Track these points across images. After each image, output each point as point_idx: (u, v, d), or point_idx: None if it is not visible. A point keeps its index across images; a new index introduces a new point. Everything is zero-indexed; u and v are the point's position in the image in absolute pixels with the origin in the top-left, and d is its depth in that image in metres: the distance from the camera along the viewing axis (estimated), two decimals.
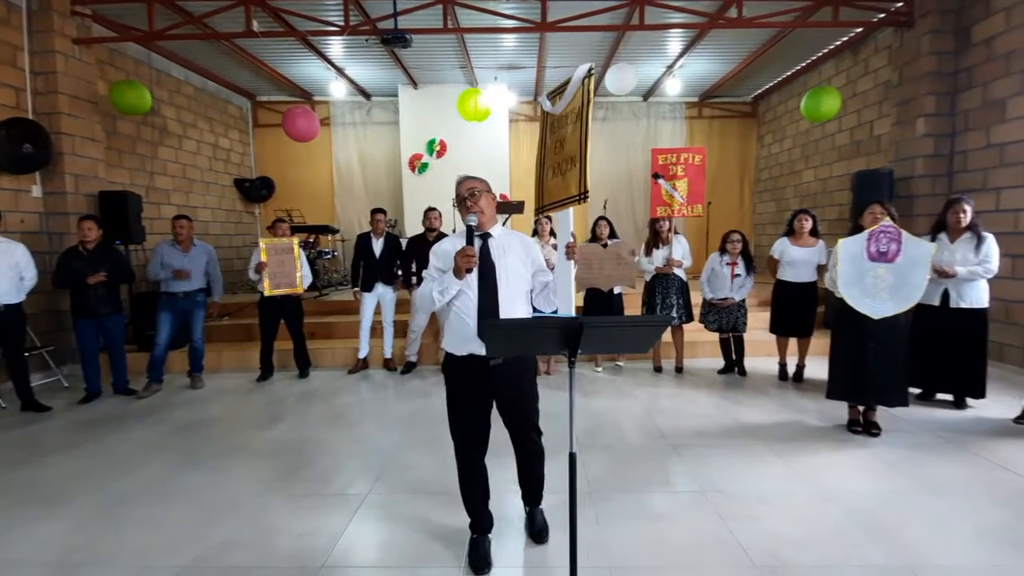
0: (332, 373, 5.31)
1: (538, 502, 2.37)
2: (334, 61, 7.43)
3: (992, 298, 3.80)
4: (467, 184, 2.16)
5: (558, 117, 2.35)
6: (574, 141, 2.19)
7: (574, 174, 2.18)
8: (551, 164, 2.43)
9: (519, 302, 2.13)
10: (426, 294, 2.10)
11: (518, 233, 2.28)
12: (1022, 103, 4.52)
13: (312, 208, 8.99)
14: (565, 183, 2.27)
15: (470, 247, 1.95)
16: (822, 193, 7.53)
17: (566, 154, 2.26)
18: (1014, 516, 2.42)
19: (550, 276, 2.23)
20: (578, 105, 2.18)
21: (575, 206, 2.26)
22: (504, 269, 2.08)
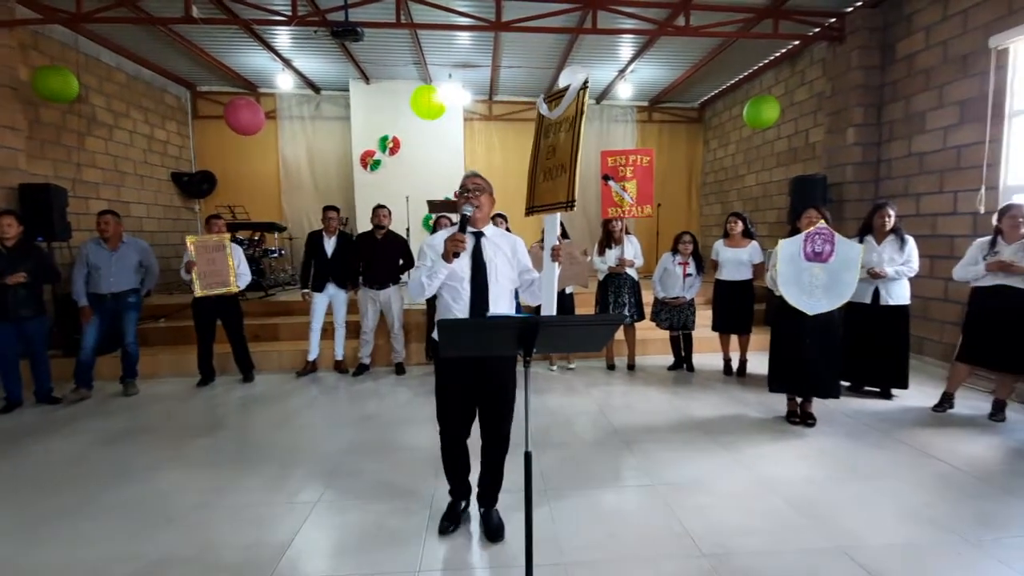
0: (279, 377, 5.11)
1: (493, 503, 2.41)
2: (281, 52, 7.14)
3: (913, 296, 4.11)
4: (473, 179, 2.31)
5: (553, 122, 2.41)
6: (566, 149, 2.26)
7: (563, 181, 2.25)
8: (543, 168, 2.50)
9: (505, 299, 2.30)
10: (416, 280, 2.21)
11: (508, 234, 2.43)
12: (939, 116, 4.91)
13: (257, 205, 8.61)
14: (554, 188, 2.33)
15: (461, 234, 2.07)
16: (763, 197, 7.91)
17: (557, 160, 2.33)
18: (933, 497, 2.63)
19: (536, 274, 2.38)
20: (572, 114, 2.24)
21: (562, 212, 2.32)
22: (494, 268, 2.24)
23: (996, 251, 3.56)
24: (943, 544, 2.23)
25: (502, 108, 9.44)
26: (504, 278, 2.28)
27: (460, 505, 2.46)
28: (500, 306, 2.24)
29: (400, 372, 5.18)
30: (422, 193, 7.69)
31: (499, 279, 2.25)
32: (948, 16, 4.78)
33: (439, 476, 2.87)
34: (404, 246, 5.12)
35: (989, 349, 3.64)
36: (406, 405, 4.24)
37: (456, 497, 2.47)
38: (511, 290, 2.35)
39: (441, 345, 1.66)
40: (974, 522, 2.39)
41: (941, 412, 3.82)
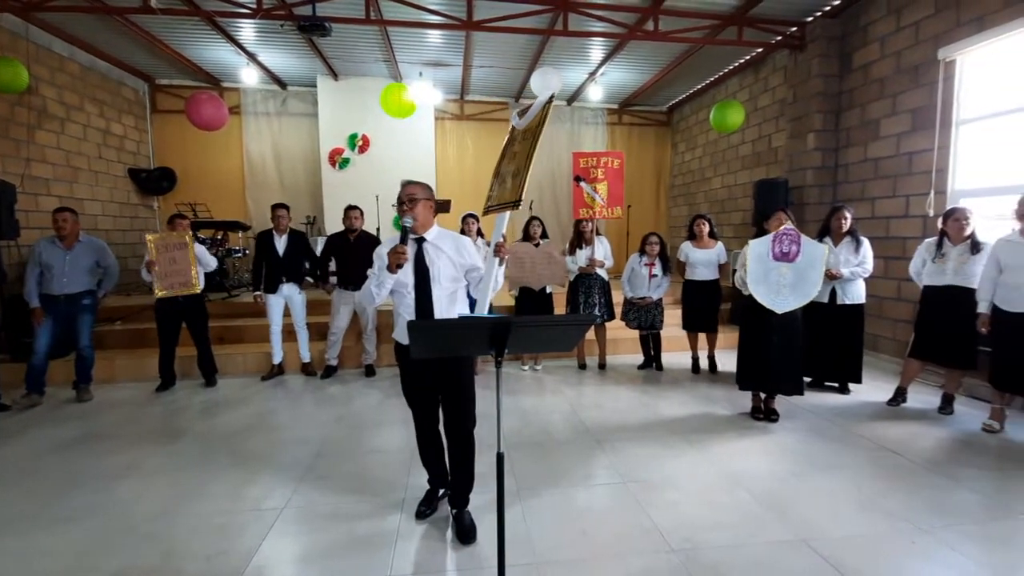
0: (243, 380, 4.96)
1: (465, 504, 2.41)
2: (245, 46, 6.94)
3: (868, 295, 4.29)
4: (407, 190, 2.35)
5: (519, 132, 2.53)
6: (523, 154, 2.38)
7: (515, 183, 2.36)
8: (503, 172, 2.62)
9: (452, 300, 2.37)
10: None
11: (451, 234, 2.45)
12: (893, 123, 5.14)
13: (220, 203, 8.34)
14: (505, 190, 2.45)
15: (402, 245, 2.13)
16: (728, 199, 8.13)
17: (514, 164, 2.46)
18: (887, 487, 2.75)
19: (483, 271, 2.40)
20: (534, 125, 2.36)
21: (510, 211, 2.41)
22: (437, 272, 2.31)
23: (943, 252, 3.75)
24: (898, 533, 2.33)
25: (474, 108, 9.42)
26: (446, 279, 2.34)
27: (438, 492, 2.57)
28: (444, 305, 2.32)
29: (370, 374, 5.10)
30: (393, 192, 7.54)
31: (441, 281, 2.33)
32: (901, 28, 5.01)
33: (411, 478, 2.86)
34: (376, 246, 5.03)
35: (938, 346, 3.83)
36: (376, 407, 4.18)
37: (434, 484, 2.57)
38: (455, 290, 2.39)
39: (412, 347, 1.64)
40: (926, 510, 2.51)
41: (895, 406, 4.00)
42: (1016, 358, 3.32)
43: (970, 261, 3.63)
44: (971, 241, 3.66)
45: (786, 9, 5.73)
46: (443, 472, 2.54)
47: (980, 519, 2.45)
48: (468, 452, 2.38)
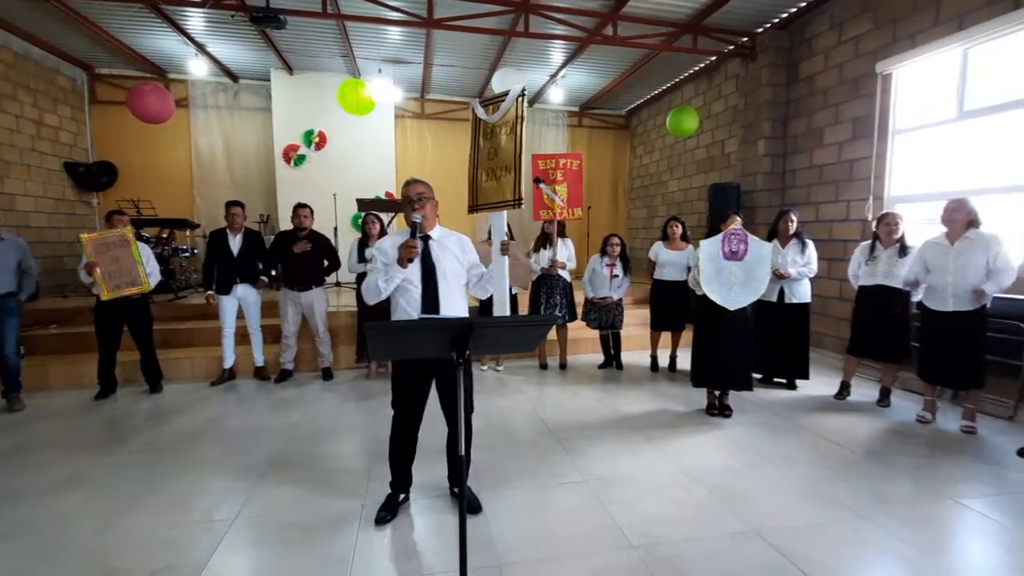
0: (191, 386, 4.73)
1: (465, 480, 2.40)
2: (193, 36, 6.63)
3: (813, 295, 4.51)
4: (416, 188, 2.40)
5: (492, 125, 2.54)
6: (509, 151, 2.43)
7: (509, 181, 2.44)
8: (485, 168, 2.64)
9: (457, 296, 2.43)
10: (372, 285, 2.34)
11: (456, 233, 2.52)
12: (835, 131, 5.42)
13: (166, 199, 7.93)
14: (500, 188, 2.51)
15: (413, 240, 2.22)
16: (684, 202, 8.37)
17: (500, 161, 2.50)
18: (832, 477, 2.89)
19: (484, 268, 2.54)
20: (512, 118, 2.39)
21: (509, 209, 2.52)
22: (443, 268, 2.38)
23: (875, 255, 3.99)
24: (842, 520, 2.46)
25: (435, 107, 9.34)
26: (453, 276, 2.41)
27: (399, 497, 2.54)
28: (451, 303, 2.38)
29: (327, 377, 4.96)
30: (351, 191, 7.45)
31: (448, 278, 2.39)
32: (843, 41, 5.30)
33: (371, 485, 2.80)
34: (328, 246, 4.89)
35: (872, 342, 4.09)
36: (334, 412, 4.07)
37: (396, 489, 2.54)
38: (461, 287, 2.46)
39: (371, 349, 1.60)
40: (867, 499, 2.65)
41: (841, 400, 4.22)
42: (941, 353, 3.56)
43: (899, 263, 3.88)
44: (900, 245, 3.91)
45: (738, 20, 5.96)
46: (408, 476, 2.56)
47: (913, 504, 2.62)
48: (470, 434, 2.43)
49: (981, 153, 4.23)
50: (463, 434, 1.75)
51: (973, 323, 3.43)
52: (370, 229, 4.80)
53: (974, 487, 2.76)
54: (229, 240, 4.63)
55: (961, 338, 3.46)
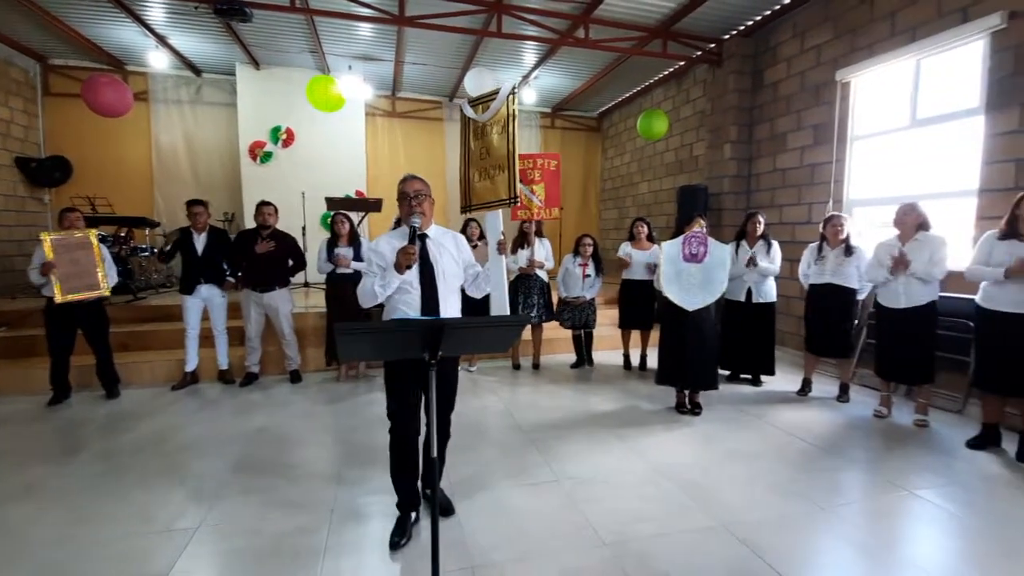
0: (151, 391, 4.56)
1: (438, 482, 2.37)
2: (153, 27, 6.38)
3: (778, 295, 4.66)
4: (413, 185, 2.28)
5: (483, 125, 2.51)
6: (502, 150, 2.40)
7: (503, 179, 2.41)
8: (478, 168, 2.60)
9: (454, 296, 2.37)
10: (368, 289, 2.23)
11: (450, 232, 2.45)
12: (798, 137, 5.60)
13: (124, 197, 7.61)
14: (494, 187, 2.47)
15: (412, 246, 2.11)
16: (654, 204, 8.52)
17: (493, 160, 2.46)
18: (794, 471, 2.99)
19: (479, 267, 2.49)
20: (504, 117, 2.36)
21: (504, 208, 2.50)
22: (442, 269, 2.30)
23: (823, 255, 4.16)
24: (804, 513, 2.54)
25: (406, 105, 9.24)
26: (451, 276, 2.34)
27: (411, 518, 2.36)
28: (450, 303, 2.32)
29: (295, 380, 4.85)
30: (320, 189, 7.29)
31: (447, 278, 2.31)
32: (805, 50, 5.48)
33: (340, 490, 2.75)
34: (293, 246, 4.76)
35: (823, 339, 4.26)
36: (302, 416, 3.98)
37: (405, 510, 2.35)
38: (457, 286, 2.40)
39: (340, 351, 1.57)
40: (828, 491, 2.75)
41: (803, 396, 4.37)
42: (895, 350, 3.73)
43: (845, 263, 4.06)
44: (845, 245, 4.08)
45: (706, 26, 6.09)
46: (417, 493, 2.39)
47: (871, 495, 2.73)
48: (445, 441, 2.52)
49: (931, 159, 4.44)
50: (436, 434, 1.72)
51: (924, 321, 3.61)
52: (339, 229, 4.72)
53: (926, 478, 2.90)
54: (194, 239, 4.48)
55: (913, 335, 3.63)
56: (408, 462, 2.34)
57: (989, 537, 2.33)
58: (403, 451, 2.31)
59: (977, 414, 3.58)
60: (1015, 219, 3.12)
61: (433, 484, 1.79)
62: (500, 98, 2.34)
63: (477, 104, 2.55)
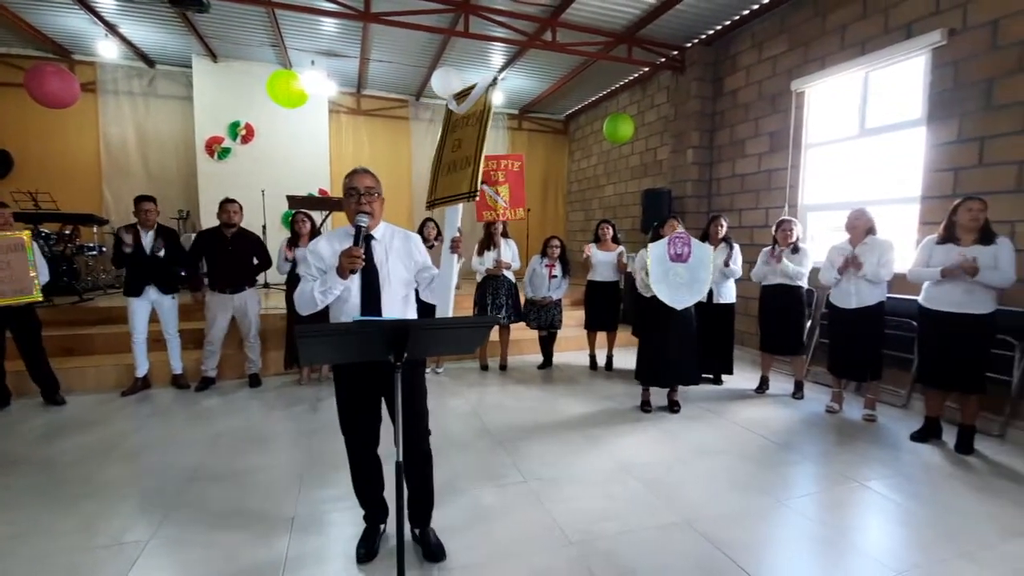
0: (98, 397, 4.32)
1: (427, 522, 2.25)
2: (103, 15, 6.07)
3: (737, 295, 4.80)
4: (363, 180, 2.06)
5: (460, 117, 2.41)
6: (471, 142, 2.26)
7: (466, 173, 2.26)
8: (447, 161, 2.48)
9: (401, 304, 2.13)
10: (307, 294, 2.01)
11: (401, 231, 2.21)
12: (756, 143, 5.80)
13: (70, 192, 7.21)
14: (456, 180, 2.33)
15: (357, 248, 1.90)
16: (620, 206, 8.66)
17: (462, 153, 2.33)
18: (753, 466, 3.09)
19: (435, 271, 2.25)
20: (479, 109, 2.25)
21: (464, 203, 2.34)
22: (387, 273, 2.08)
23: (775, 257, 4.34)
24: (763, 507, 2.63)
25: (371, 103, 9.10)
26: (398, 281, 2.11)
27: (378, 529, 2.26)
28: (394, 311, 2.09)
29: (255, 384, 4.69)
30: (281, 187, 7.09)
31: (392, 283, 2.09)
32: (762, 60, 5.68)
33: (301, 498, 2.67)
34: (258, 244, 4.62)
35: (775, 338, 4.44)
36: (262, 420, 3.86)
37: (372, 521, 2.25)
38: (407, 293, 2.17)
39: (302, 356, 1.52)
40: (783, 484, 2.86)
41: (760, 393, 4.52)
42: (846, 348, 3.90)
43: (793, 263, 4.24)
44: (793, 246, 4.26)
45: (669, 34, 6.24)
46: (384, 507, 2.29)
47: (823, 487, 2.85)
48: (429, 463, 2.20)
49: (879, 167, 4.68)
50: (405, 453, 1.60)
51: (873, 320, 3.79)
52: (300, 228, 4.59)
53: (875, 470, 3.04)
54: (141, 239, 4.27)
55: (863, 334, 3.81)
56: (369, 476, 2.21)
57: (931, 524, 2.47)
58: (363, 466, 2.19)
59: (920, 408, 3.78)
60: (952, 224, 3.32)
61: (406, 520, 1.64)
62: (478, 90, 2.28)
63: (460, 96, 2.47)
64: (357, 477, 2.21)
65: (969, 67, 3.84)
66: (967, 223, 3.23)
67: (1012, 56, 3.60)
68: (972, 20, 3.82)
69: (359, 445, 2.16)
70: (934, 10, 4.06)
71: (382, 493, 2.28)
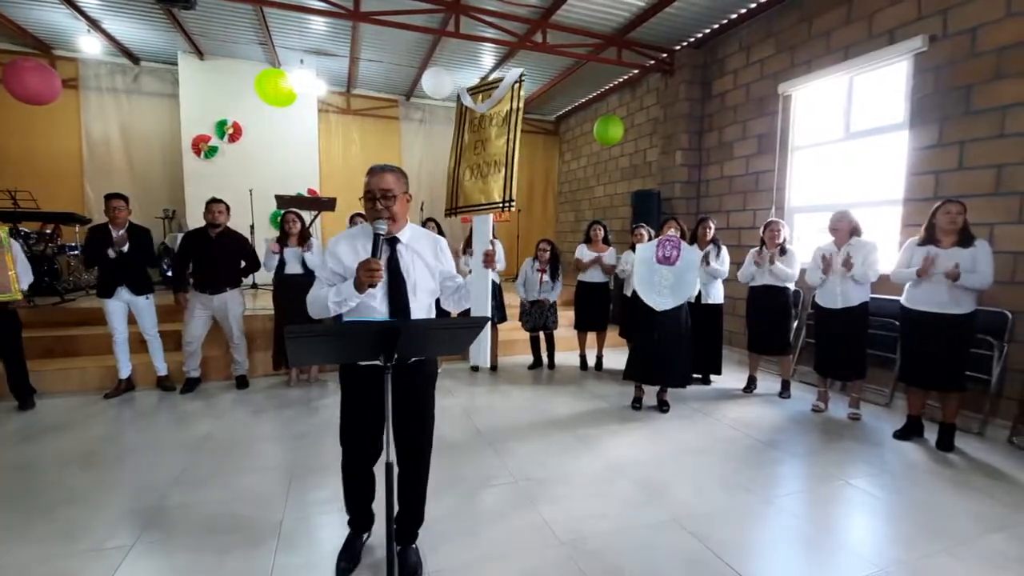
0: (81, 399, 4.24)
1: (413, 539, 2.15)
2: (85, 10, 5.97)
3: (725, 296, 4.85)
4: (382, 180, 1.87)
5: (481, 116, 2.25)
6: (500, 146, 2.12)
7: (498, 180, 2.12)
8: (469, 164, 2.30)
9: (425, 313, 2.00)
10: (320, 300, 1.86)
11: (428, 234, 2.07)
12: (744, 146, 5.86)
13: (51, 191, 7.06)
14: (486, 187, 2.18)
15: (376, 260, 1.76)
16: (610, 207, 8.70)
17: (489, 157, 2.18)
18: (741, 465, 3.12)
19: (460, 279, 2.12)
20: (506, 109, 2.11)
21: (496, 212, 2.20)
22: (413, 281, 1.93)
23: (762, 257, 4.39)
24: (749, 504, 2.65)
25: (361, 103, 9.05)
26: (423, 291, 1.97)
27: (361, 538, 2.19)
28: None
29: (242, 386, 4.63)
30: (269, 186, 7.02)
31: (418, 293, 1.94)
32: (750, 63, 5.75)
33: (289, 501, 2.65)
34: (245, 245, 4.55)
35: (762, 338, 4.49)
36: (249, 423, 3.81)
37: (356, 529, 2.17)
38: (431, 303, 2.04)
39: (290, 356, 1.50)
40: (771, 483, 2.89)
41: (748, 393, 4.57)
42: (832, 347, 3.96)
43: (782, 260, 4.30)
44: (780, 247, 4.32)
45: (658, 37, 6.28)
46: (371, 516, 2.21)
47: (809, 486, 2.89)
48: (424, 477, 2.10)
49: (863, 170, 4.75)
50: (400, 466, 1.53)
51: (857, 320, 3.85)
52: (290, 228, 4.55)
53: (860, 468, 3.09)
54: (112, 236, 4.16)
55: (848, 334, 3.87)
56: (362, 487, 2.12)
57: (914, 521, 2.51)
58: (357, 478, 2.09)
59: (903, 407, 3.85)
60: (932, 227, 3.39)
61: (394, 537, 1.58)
62: (503, 87, 2.11)
63: (477, 92, 2.29)
64: (350, 490, 2.12)
65: (949, 73, 3.92)
66: (945, 225, 3.30)
67: (990, 63, 3.68)
68: (952, 27, 3.90)
69: (359, 459, 2.05)
70: (916, 17, 4.13)
71: (372, 503, 2.20)
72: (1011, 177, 3.58)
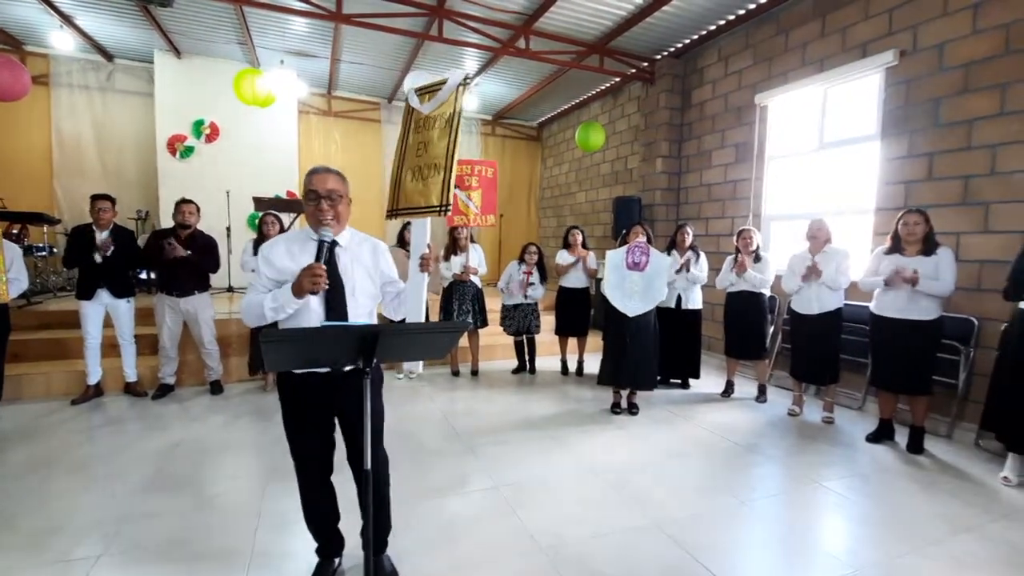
0: (47, 405, 4.09)
1: (383, 547, 2.08)
2: (57, 5, 5.81)
3: (704, 302, 4.92)
4: (326, 181, 1.79)
5: (425, 117, 2.23)
6: (440, 148, 2.09)
7: (436, 183, 2.09)
8: (411, 166, 2.27)
9: (367, 319, 1.92)
10: (255, 306, 1.77)
11: (370, 239, 1.99)
12: (722, 154, 5.97)
13: (18, 189, 6.84)
14: (426, 190, 2.15)
15: (320, 265, 1.68)
16: (591, 213, 8.76)
17: (430, 159, 2.15)
18: (719, 468, 3.15)
19: (401, 285, 2.06)
20: (448, 111, 2.09)
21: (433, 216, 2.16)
22: (352, 284, 1.85)
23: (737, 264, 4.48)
24: (727, 507, 2.68)
25: (342, 105, 8.97)
26: (363, 295, 1.88)
27: (333, 564, 2.08)
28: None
29: (216, 391, 4.53)
30: (248, 188, 6.91)
31: (357, 296, 1.86)
32: (728, 74, 5.86)
33: (264, 511, 2.59)
34: (210, 246, 4.40)
35: (740, 343, 4.57)
36: (222, 429, 3.72)
37: (326, 555, 2.06)
38: (371, 309, 1.96)
39: (267, 361, 1.46)
40: (748, 486, 2.93)
41: (726, 397, 4.63)
42: (807, 351, 4.04)
43: (755, 267, 4.39)
44: (755, 255, 4.42)
45: (639, 45, 6.37)
46: (339, 539, 2.10)
47: (786, 488, 2.93)
48: (386, 484, 2.05)
49: (836, 180, 4.87)
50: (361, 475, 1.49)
51: (831, 326, 3.94)
52: (269, 230, 4.48)
53: (833, 470, 3.15)
54: (96, 238, 4.07)
55: (821, 339, 3.96)
56: (323, 506, 2.03)
57: (886, 523, 2.56)
58: (315, 496, 2.01)
59: (875, 410, 3.94)
60: (897, 236, 3.49)
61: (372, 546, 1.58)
62: (447, 88, 2.10)
63: (424, 93, 2.27)
64: (309, 509, 2.01)
65: (919, 86, 4.06)
66: (905, 236, 3.42)
67: (957, 77, 3.81)
68: (921, 43, 4.04)
69: (312, 471, 1.96)
70: (887, 32, 4.27)
71: (338, 524, 2.09)
72: (977, 188, 3.71)
